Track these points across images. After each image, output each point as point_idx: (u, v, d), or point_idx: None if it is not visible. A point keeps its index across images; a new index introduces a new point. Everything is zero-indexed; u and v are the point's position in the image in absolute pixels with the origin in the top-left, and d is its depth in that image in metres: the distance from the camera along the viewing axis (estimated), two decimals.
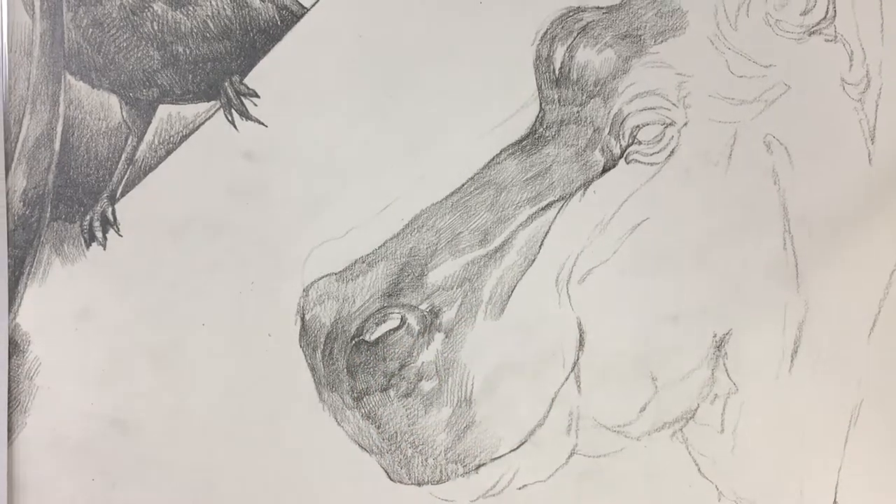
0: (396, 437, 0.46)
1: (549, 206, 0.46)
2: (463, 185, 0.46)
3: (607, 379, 0.46)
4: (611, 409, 0.46)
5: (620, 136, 0.46)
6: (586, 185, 0.46)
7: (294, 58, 0.47)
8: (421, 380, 0.46)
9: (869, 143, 0.46)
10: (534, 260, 0.46)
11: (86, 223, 0.47)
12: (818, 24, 0.46)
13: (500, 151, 0.46)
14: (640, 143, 0.46)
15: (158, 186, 0.47)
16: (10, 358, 0.47)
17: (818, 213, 0.46)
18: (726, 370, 0.46)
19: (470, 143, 0.46)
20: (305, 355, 0.46)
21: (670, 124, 0.46)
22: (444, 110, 0.46)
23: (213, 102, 0.47)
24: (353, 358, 0.46)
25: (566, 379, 0.46)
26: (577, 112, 0.46)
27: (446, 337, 0.46)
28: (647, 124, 0.46)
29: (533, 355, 0.45)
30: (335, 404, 0.46)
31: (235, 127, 0.47)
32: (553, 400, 0.46)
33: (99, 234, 0.47)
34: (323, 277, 0.46)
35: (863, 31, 0.46)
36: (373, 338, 0.46)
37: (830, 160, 0.46)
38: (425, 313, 0.46)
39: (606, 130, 0.46)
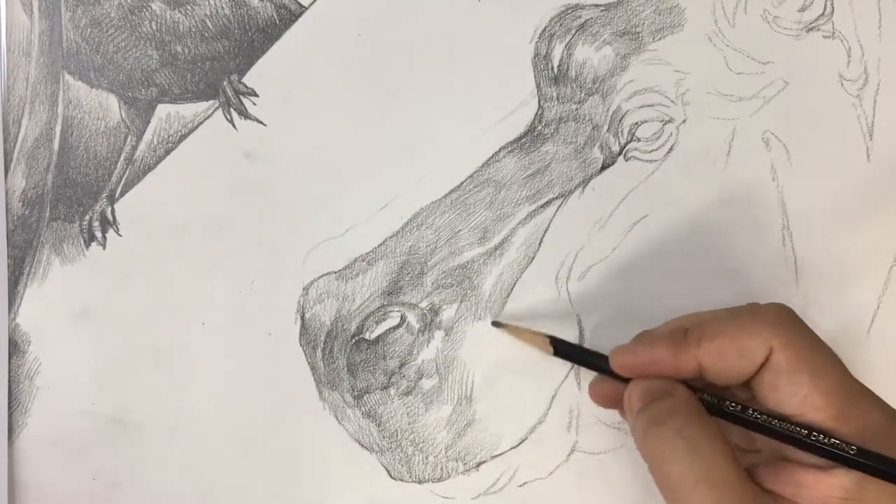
0: (397, 435, 0.46)
1: (548, 203, 0.46)
2: (462, 183, 0.46)
3: None
4: None
5: (619, 134, 0.46)
6: (585, 182, 0.46)
7: (293, 57, 0.47)
8: (421, 378, 0.46)
9: (867, 140, 0.46)
10: (533, 257, 0.46)
11: (85, 223, 0.47)
12: (816, 20, 0.46)
13: (499, 149, 0.46)
14: (638, 140, 0.46)
15: (158, 186, 0.47)
16: (10, 358, 0.47)
17: (817, 210, 0.46)
18: None
19: (469, 141, 0.46)
20: (305, 354, 0.47)
21: (669, 121, 0.46)
22: (442, 108, 0.46)
23: (211, 102, 0.47)
24: (354, 356, 0.46)
25: (566, 376, 0.46)
26: (576, 109, 0.46)
27: (446, 335, 0.46)
28: (646, 121, 0.46)
29: (533, 353, 0.45)
30: (335, 403, 0.46)
31: (234, 126, 0.47)
32: (553, 397, 0.46)
33: (98, 234, 0.47)
34: (323, 276, 0.46)
35: (861, 28, 0.46)
36: (373, 336, 0.46)
37: (829, 156, 0.46)
38: (425, 311, 0.46)
39: (605, 128, 0.46)
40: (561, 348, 0.43)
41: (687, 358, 0.36)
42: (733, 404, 0.37)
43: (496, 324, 0.45)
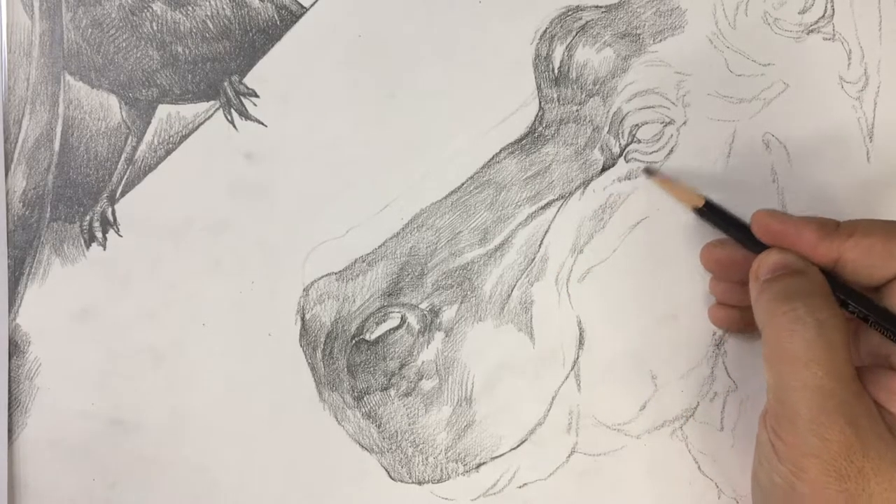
0: (397, 436, 0.46)
1: (548, 205, 0.46)
2: (462, 185, 0.46)
3: (607, 377, 0.46)
4: (611, 408, 0.46)
5: (620, 135, 0.46)
6: (586, 183, 0.46)
7: (293, 57, 0.47)
8: (421, 379, 0.46)
9: (867, 142, 0.46)
10: (533, 259, 0.46)
11: (85, 223, 0.47)
12: (816, 22, 0.46)
13: (500, 150, 0.46)
14: (639, 141, 0.46)
15: (158, 186, 0.47)
16: (10, 358, 0.47)
17: (817, 212, 0.46)
18: (726, 368, 0.46)
19: (469, 142, 0.46)
20: (306, 355, 0.47)
21: (669, 123, 0.46)
22: (443, 109, 0.46)
23: (212, 102, 0.47)
24: (354, 357, 0.46)
25: (566, 377, 0.46)
26: (577, 111, 0.46)
27: (446, 336, 0.46)
28: (647, 123, 0.46)
29: (533, 354, 0.45)
30: (336, 404, 0.46)
31: (235, 127, 0.47)
32: (553, 399, 0.46)
33: (99, 235, 0.47)
34: (323, 277, 0.46)
35: (861, 30, 0.46)
36: (373, 337, 0.46)
37: (829, 158, 0.46)
38: (425, 312, 0.46)
39: (606, 129, 0.46)
40: (709, 210, 0.43)
41: (830, 246, 0.36)
42: (861, 295, 0.37)
43: (648, 171, 0.45)
